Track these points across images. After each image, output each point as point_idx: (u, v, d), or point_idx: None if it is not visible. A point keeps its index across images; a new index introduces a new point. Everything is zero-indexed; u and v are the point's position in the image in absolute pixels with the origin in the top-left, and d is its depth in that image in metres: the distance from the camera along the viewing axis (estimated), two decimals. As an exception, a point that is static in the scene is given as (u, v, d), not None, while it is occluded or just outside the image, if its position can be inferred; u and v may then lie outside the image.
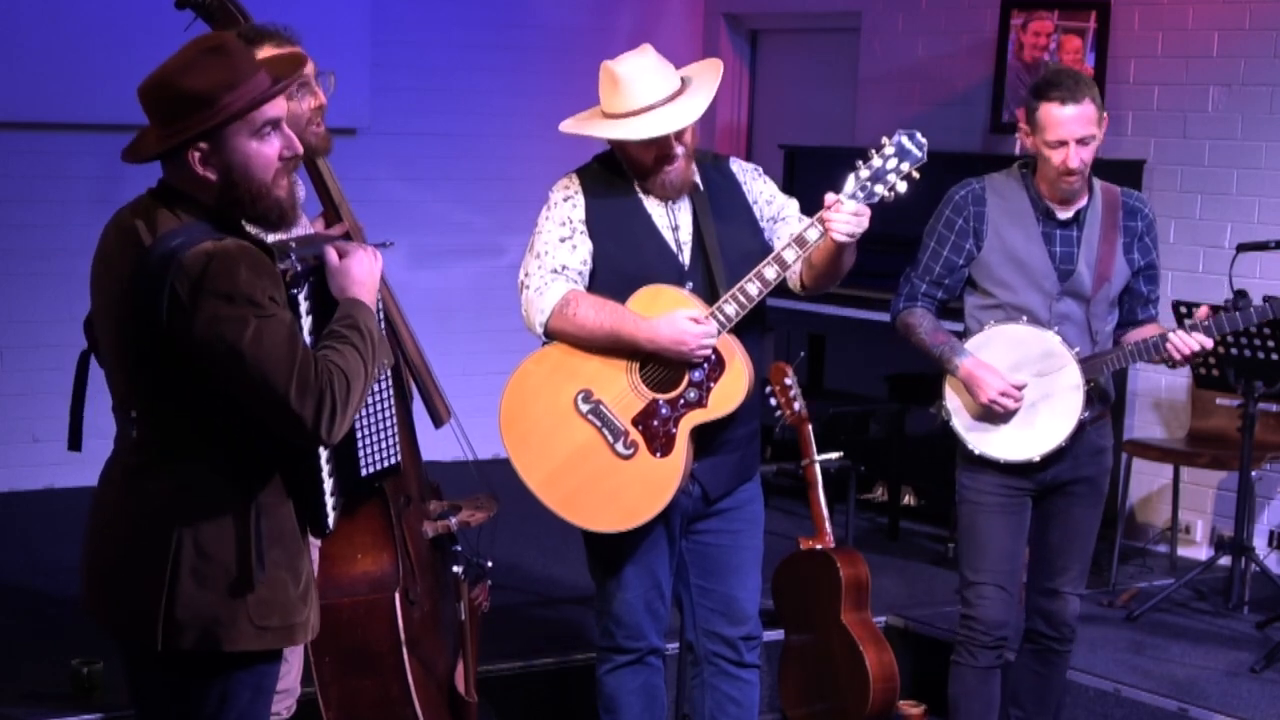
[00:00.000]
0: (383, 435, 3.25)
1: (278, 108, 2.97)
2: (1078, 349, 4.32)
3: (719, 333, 3.89)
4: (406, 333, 4.08)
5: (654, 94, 3.91)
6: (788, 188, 7.50)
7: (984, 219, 4.38)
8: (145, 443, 2.99)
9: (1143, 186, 6.87)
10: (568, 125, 4.04)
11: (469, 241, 8.15)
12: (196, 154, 2.91)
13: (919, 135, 3.89)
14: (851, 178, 3.88)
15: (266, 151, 2.95)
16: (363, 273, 3.07)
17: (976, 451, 4.38)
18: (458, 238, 8.13)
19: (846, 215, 3.82)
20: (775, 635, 5.39)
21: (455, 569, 4.04)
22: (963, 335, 4.43)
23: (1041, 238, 4.36)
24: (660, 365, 3.95)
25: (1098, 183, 4.43)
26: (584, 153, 4.17)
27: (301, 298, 2.99)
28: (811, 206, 4.00)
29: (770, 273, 3.90)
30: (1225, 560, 6.01)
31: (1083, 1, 7.06)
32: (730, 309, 3.90)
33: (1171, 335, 4.26)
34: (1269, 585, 5.97)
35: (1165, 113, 6.89)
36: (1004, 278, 4.37)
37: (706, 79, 3.99)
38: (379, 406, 3.23)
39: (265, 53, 3.68)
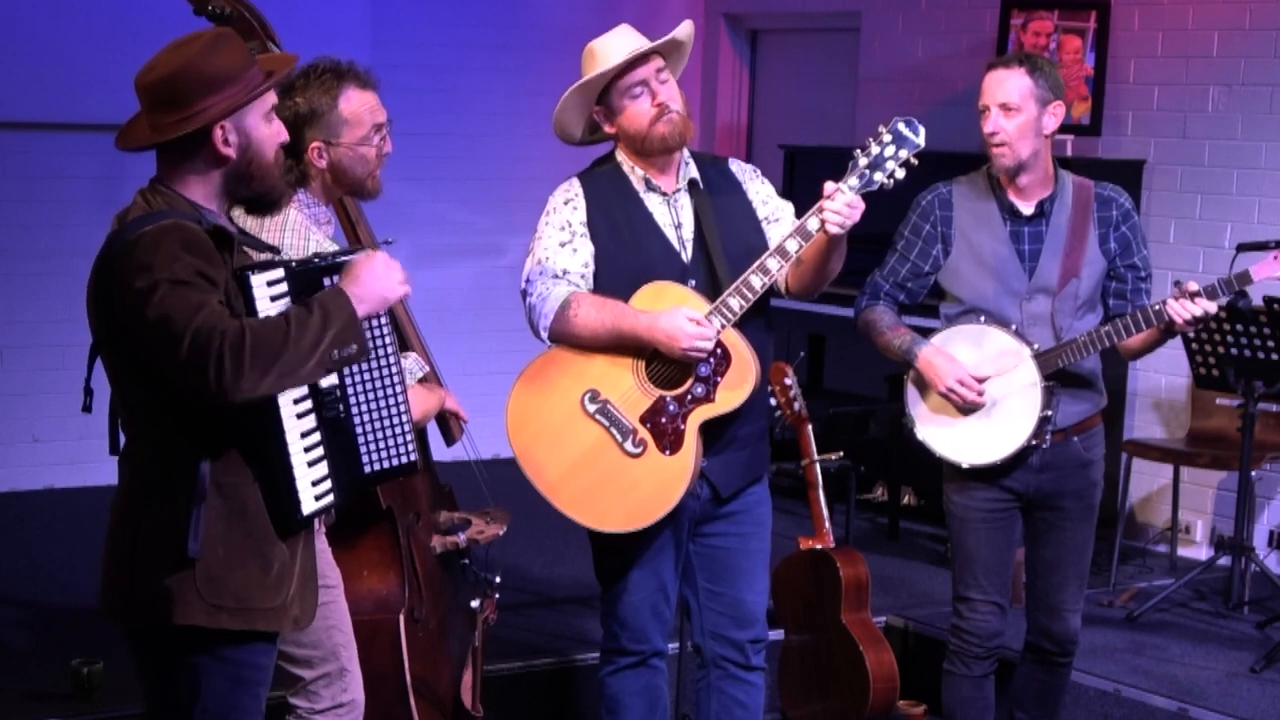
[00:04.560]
0: (392, 432, 3.23)
1: (274, 96, 3.15)
2: (1036, 344, 4.26)
3: (722, 327, 3.89)
4: (418, 342, 4.07)
5: (629, 46, 3.96)
6: (788, 188, 7.54)
7: (951, 224, 4.35)
8: (125, 427, 3.11)
9: (1143, 186, 6.88)
10: (557, 111, 4.05)
11: (469, 241, 8.16)
12: (220, 131, 3.03)
13: (916, 122, 3.88)
14: (850, 166, 3.88)
15: (274, 134, 3.12)
16: (364, 272, 3.09)
17: (937, 454, 4.35)
18: (458, 238, 8.13)
19: (840, 205, 3.82)
20: (775, 635, 5.38)
21: (473, 604, 4.02)
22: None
23: (1009, 237, 4.31)
24: (666, 362, 3.94)
25: (1069, 176, 4.37)
26: (586, 152, 4.17)
27: (261, 282, 3.00)
28: (811, 207, 3.99)
29: (773, 264, 3.89)
30: (1225, 560, 6.01)
31: (1083, 1, 7.06)
32: (735, 302, 3.89)
33: (1171, 301, 4.14)
34: (1269, 585, 5.97)
35: (1165, 113, 6.89)
36: (974, 282, 4.33)
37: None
38: (387, 402, 3.21)
39: (351, 92, 3.69)
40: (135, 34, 6.96)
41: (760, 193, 4.14)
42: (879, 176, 3.86)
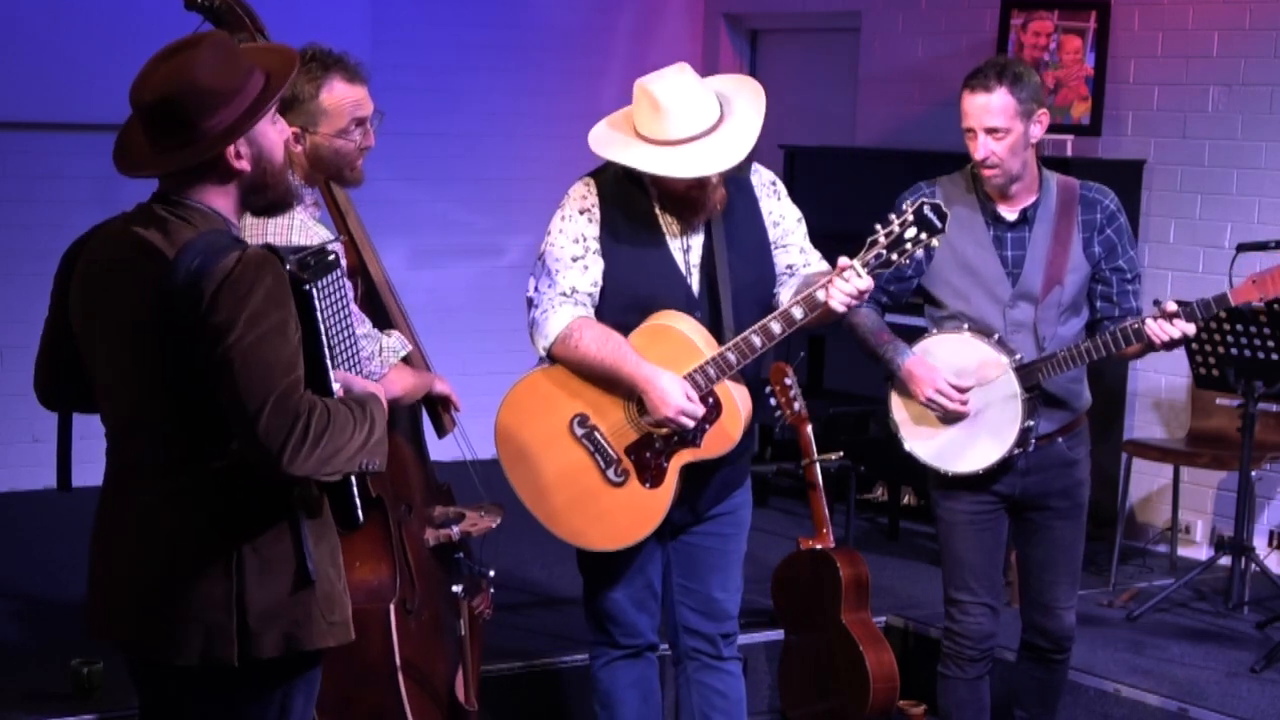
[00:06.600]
0: None
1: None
2: (1019, 355, 4.24)
3: (718, 379, 3.87)
4: (403, 322, 4.06)
5: (696, 125, 3.83)
6: (788, 188, 7.52)
7: None
8: (181, 460, 2.93)
9: (1143, 186, 6.88)
10: (600, 144, 3.91)
11: (469, 241, 8.15)
12: (231, 148, 2.89)
13: (943, 207, 3.81)
14: (868, 243, 3.81)
15: (280, 133, 2.98)
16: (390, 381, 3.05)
17: (920, 459, 4.36)
18: (458, 238, 8.13)
19: (851, 288, 3.77)
20: (775, 635, 5.39)
21: (455, 589, 4.01)
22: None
23: (992, 242, 4.29)
24: None
25: (1054, 178, 4.34)
26: (585, 152, 4.15)
27: (315, 293, 2.91)
28: (812, 207, 3.98)
29: (776, 327, 3.85)
30: (1225, 560, 6.01)
31: (1083, 1, 7.06)
32: (732, 357, 3.88)
33: (1149, 321, 4.13)
34: (1269, 585, 5.97)
35: (1165, 113, 6.89)
36: (957, 286, 4.31)
37: (747, 108, 3.95)
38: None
39: (335, 84, 3.66)
40: (135, 34, 6.95)
41: (774, 211, 4.08)
42: (895, 257, 3.81)
